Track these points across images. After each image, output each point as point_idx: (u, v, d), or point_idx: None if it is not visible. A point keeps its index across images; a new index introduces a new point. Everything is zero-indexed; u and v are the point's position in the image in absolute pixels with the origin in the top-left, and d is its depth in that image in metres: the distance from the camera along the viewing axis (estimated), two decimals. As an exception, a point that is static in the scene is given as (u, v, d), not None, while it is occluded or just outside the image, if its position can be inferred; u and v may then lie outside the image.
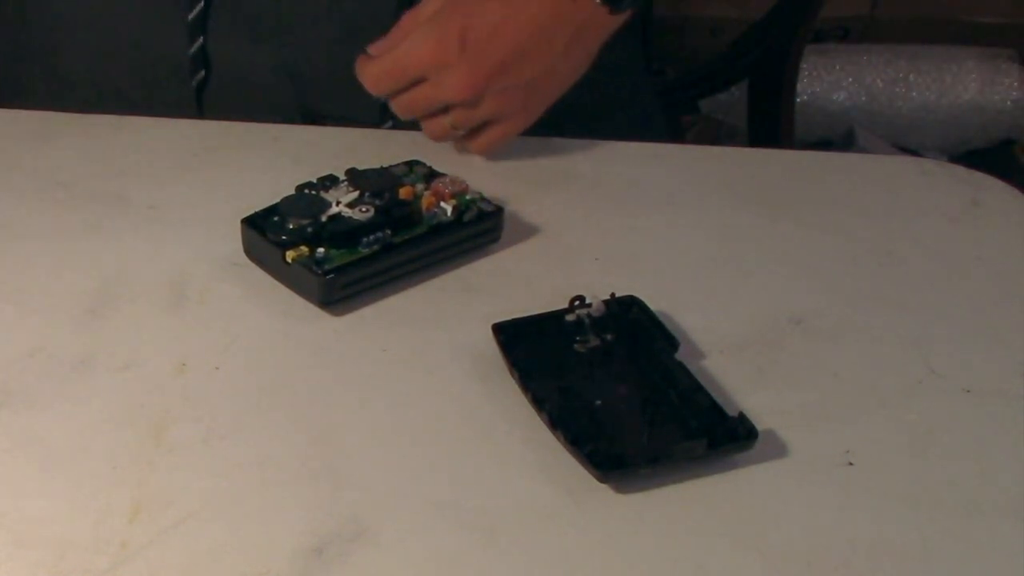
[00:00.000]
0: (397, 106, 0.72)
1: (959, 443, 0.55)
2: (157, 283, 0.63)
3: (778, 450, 0.54)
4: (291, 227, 0.62)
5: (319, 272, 0.60)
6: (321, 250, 0.61)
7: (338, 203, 0.63)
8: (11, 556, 0.47)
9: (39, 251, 0.65)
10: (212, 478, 0.51)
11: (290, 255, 0.61)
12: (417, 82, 0.70)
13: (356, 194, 0.64)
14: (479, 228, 0.65)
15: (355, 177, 0.65)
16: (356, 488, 0.51)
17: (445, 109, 0.71)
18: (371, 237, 0.62)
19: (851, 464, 0.54)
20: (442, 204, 0.64)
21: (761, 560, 0.49)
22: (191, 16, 0.78)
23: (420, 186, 0.65)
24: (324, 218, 0.62)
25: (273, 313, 0.61)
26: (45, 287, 0.62)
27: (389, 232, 0.62)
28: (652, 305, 0.60)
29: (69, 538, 0.48)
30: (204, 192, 0.70)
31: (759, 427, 0.53)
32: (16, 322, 0.60)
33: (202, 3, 0.78)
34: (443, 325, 0.61)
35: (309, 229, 0.61)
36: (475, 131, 0.73)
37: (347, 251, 0.61)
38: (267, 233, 0.62)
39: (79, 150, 0.74)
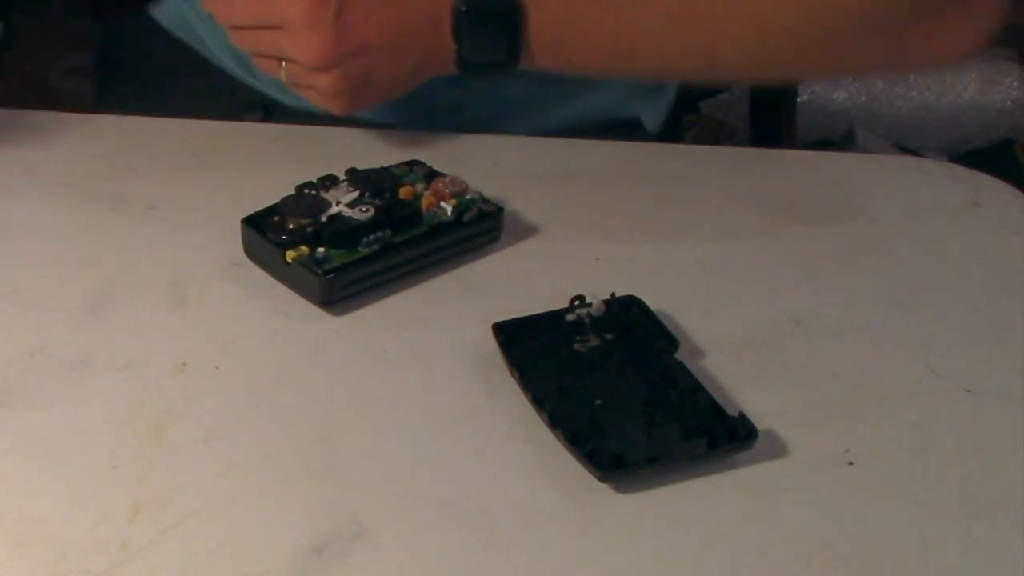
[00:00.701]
0: (238, 36, 0.70)
1: (959, 443, 0.55)
2: (157, 283, 0.63)
3: (778, 450, 0.54)
4: (291, 227, 0.62)
5: (319, 272, 0.60)
6: (321, 250, 0.61)
7: (338, 203, 0.63)
8: (11, 556, 0.47)
9: (39, 251, 0.65)
10: (212, 478, 0.51)
11: (290, 255, 0.61)
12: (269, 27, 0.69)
13: (356, 194, 0.64)
14: (479, 228, 0.65)
15: (355, 177, 0.65)
16: (356, 488, 0.51)
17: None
18: (371, 237, 0.62)
19: (851, 464, 0.54)
20: (442, 204, 0.64)
21: (761, 560, 0.49)
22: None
23: (420, 186, 0.65)
24: (324, 218, 0.62)
25: (273, 313, 0.61)
26: (45, 287, 0.62)
27: (389, 232, 0.62)
28: (652, 305, 0.60)
29: (69, 538, 0.48)
30: (204, 192, 0.70)
31: (759, 427, 0.53)
32: (16, 322, 0.60)
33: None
34: (443, 325, 0.61)
35: (309, 229, 0.61)
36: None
37: (347, 251, 0.61)
38: (267, 233, 0.62)
39: (79, 150, 0.74)
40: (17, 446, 0.53)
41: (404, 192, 0.64)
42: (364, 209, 0.63)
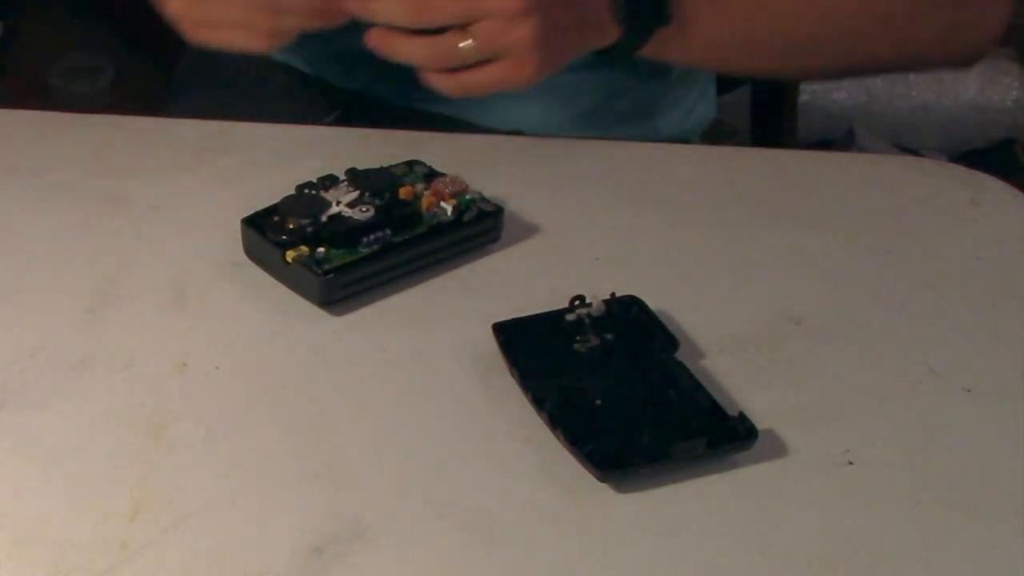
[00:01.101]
0: (415, 8, 0.65)
1: (959, 443, 0.55)
2: (157, 283, 0.63)
3: (778, 450, 0.54)
4: (291, 227, 0.62)
5: (319, 272, 0.60)
6: (321, 250, 0.61)
7: (338, 203, 0.63)
8: (11, 555, 0.47)
9: (39, 251, 0.65)
10: (212, 478, 0.51)
11: (290, 255, 0.61)
12: None
13: (356, 194, 0.64)
14: (479, 228, 0.65)
15: (355, 177, 0.65)
16: (356, 488, 0.51)
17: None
18: (371, 237, 0.62)
19: (851, 464, 0.54)
20: (442, 204, 0.64)
21: (761, 560, 0.49)
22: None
23: (420, 186, 0.65)
24: (324, 218, 0.62)
25: (273, 313, 0.61)
26: (45, 287, 0.62)
27: (389, 232, 0.62)
28: (652, 305, 0.60)
29: (69, 537, 0.48)
30: (204, 192, 0.70)
31: (759, 427, 0.53)
32: (16, 322, 0.60)
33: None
34: (443, 325, 0.61)
35: (309, 229, 0.61)
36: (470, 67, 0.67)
37: (347, 251, 0.61)
38: (267, 233, 0.62)
39: (79, 150, 0.74)
40: (17, 446, 0.53)
41: (404, 192, 0.64)
42: (364, 209, 0.63)
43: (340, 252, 0.61)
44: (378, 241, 0.62)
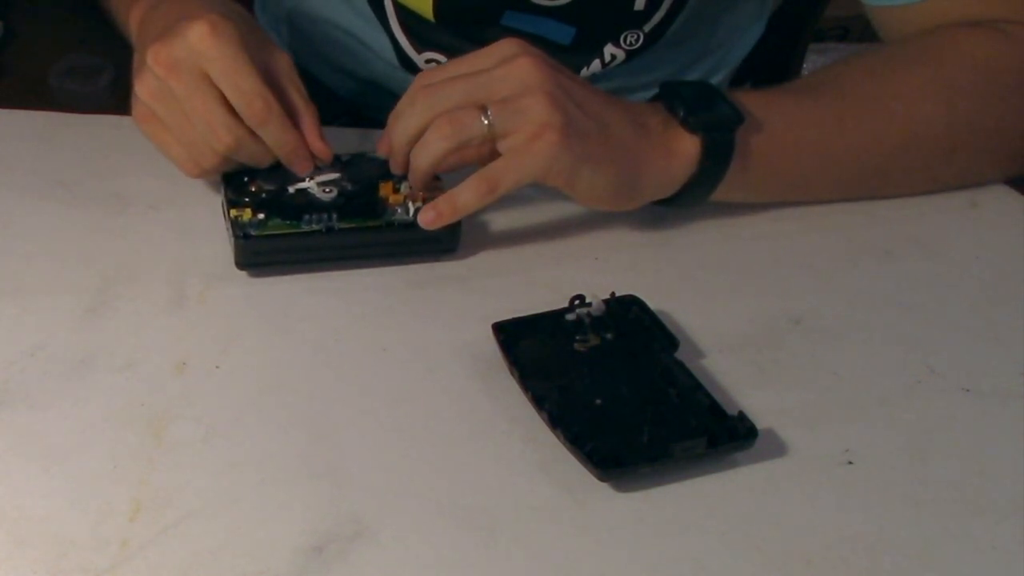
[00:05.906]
0: (427, 96, 0.63)
1: (959, 443, 0.55)
2: (157, 283, 0.63)
3: (778, 449, 0.54)
4: (252, 189, 0.63)
5: (239, 234, 0.61)
6: (261, 215, 0.62)
7: (311, 178, 0.64)
8: (11, 555, 0.47)
9: (39, 251, 0.65)
10: (212, 477, 0.51)
11: (233, 212, 0.62)
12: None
13: (336, 176, 0.64)
14: (433, 234, 0.63)
15: (345, 161, 0.65)
16: (356, 488, 0.51)
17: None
18: (314, 216, 0.62)
19: (851, 464, 0.54)
20: (409, 204, 0.64)
21: (761, 559, 0.49)
22: None
23: (405, 185, 0.65)
24: (292, 190, 0.63)
25: (273, 313, 0.61)
26: (45, 286, 0.62)
27: (335, 215, 0.63)
28: (652, 305, 0.60)
29: (69, 537, 0.48)
30: (204, 192, 0.70)
31: (759, 426, 0.53)
32: (17, 321, 0.60)
33: None
34: (443, 324, 0.61)
35: (263, 195, 0.63)
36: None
37: (289, 223, 0.62)
38: (228, 191, 0.63)
39: (79, 150, 0.74)
40: (17, 446, 0.53)
41: (384, 188, 0.64)
42: (328, 190, 0.63)
43: (281, 223, 0.62)
44: (320, 221, 0.62)
